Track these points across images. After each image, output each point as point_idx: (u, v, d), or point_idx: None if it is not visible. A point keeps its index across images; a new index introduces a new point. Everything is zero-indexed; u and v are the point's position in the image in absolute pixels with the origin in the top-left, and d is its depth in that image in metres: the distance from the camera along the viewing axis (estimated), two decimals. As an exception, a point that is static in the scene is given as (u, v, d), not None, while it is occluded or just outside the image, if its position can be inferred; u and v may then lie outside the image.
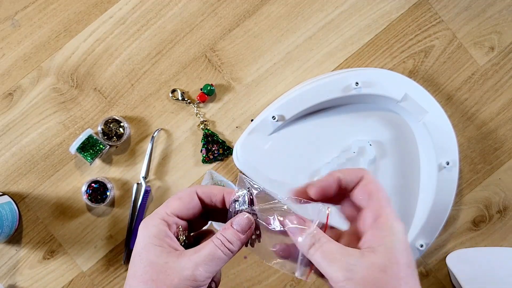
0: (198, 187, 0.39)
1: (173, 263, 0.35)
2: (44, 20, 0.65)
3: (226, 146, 0.65)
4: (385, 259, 0.33)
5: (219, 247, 0.36)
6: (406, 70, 0.67)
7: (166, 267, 0.35)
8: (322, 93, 0.62)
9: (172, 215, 0.38)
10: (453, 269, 0.64)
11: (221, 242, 0.36)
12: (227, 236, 0.37)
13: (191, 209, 0.39)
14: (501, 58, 0.67)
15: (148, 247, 0.36)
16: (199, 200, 0.39)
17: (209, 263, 0.35)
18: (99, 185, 0.63)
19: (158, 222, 0.37)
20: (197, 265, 0.35)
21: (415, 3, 0.67)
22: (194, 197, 0.39)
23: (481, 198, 0.67)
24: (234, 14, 0.66)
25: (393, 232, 0.35)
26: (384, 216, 0.35)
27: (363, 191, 0.37)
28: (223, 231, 0.37)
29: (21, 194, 0.65)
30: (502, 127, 0.67)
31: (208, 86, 0.65)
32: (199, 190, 0.39)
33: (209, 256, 0.36)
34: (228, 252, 0.36)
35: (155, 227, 0.37)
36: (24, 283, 0.64)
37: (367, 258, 0.34)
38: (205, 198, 0.39)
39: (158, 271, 0.35)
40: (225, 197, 0.39)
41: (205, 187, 0.39)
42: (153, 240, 0.36)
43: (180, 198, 0.39)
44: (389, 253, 0.34)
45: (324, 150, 0.65)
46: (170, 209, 0.38)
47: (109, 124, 0.64)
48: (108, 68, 0.65)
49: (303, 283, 0.66)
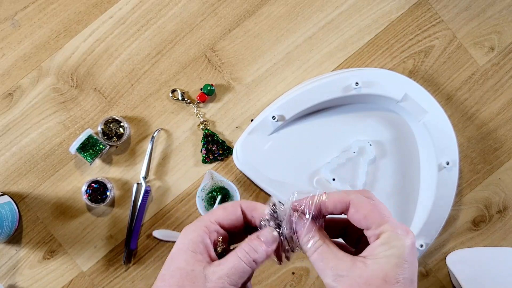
0: (243, 201, 0.40)
1: (200, 272, 0.35)
2: (44, 20, 0.65)
3: (226, 146, 0.65)
4: (373, 273, 0.34)
5: (242, 259, 0.36)
6: (406, 70, 0.67)
7: (192, 275, 0.35)
8: (322, 93, 0.62)
9: (215, 223, 0.38)
10: (453, 269, 0.64)
11: (246, 253, 0.37)
12: (252, 245, 0.37)
13: (234, 220, 0.39)
14: (501, 58, 0.67)
15: (182, 251, 0.37)
16: (242, 213, 0.39)
17: (232, 276, 0.36)
18: (99, 185, 0.63)
19: (198, 228, 0.37)
20: (221, 277, 0.35)
21: (415, 3, 0.67)
22: (238, 209, 0.39)
23: (481, 198, 0.67)
24: (234, 14, 0.66)
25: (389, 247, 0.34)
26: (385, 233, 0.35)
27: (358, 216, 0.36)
28: (249, 241, 0.37)
29: (21, 194, 0.65)
30: (502, 127, 0.67)
31: (208, 86, 0.65)
32: (243, 204, 0.39)
33: (233, 268, 0.36)
34: (252, 263, 0.36)
35: (194, 232, 0.37)
36: (24, 283, 0.64)
37: (356, 269, 0.34)
38: (247, 212, 0.39)
39: (184, 278, 0.35)
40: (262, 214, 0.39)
41: (250, 202, 0.39)
42: (189, 244, 0.37)
43: (225, 208, 0.39)
44: (378, 267, 0.34)
45: (324, 150, 0.65)
46: (213, 217, 0.38)
47: (109, 124, 0.64)
48: (108, 68, 0.65)
49: (303, 283, 0.66)
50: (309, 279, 0.66)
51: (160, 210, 0.66)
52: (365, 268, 0.34)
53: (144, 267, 0.65)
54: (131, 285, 0.65)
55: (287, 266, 0.66)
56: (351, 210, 0.37)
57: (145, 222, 0.66)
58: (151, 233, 0.65)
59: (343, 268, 0.35)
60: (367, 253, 0.35)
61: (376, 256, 0.34)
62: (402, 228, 0.36)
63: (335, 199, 0.37)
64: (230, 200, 0.64)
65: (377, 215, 0.36)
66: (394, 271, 0.34)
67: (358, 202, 0.36)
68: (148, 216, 0.66)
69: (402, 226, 0.36)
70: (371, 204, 0.36)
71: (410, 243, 0.35)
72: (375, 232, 0.35)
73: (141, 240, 0.65)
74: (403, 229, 0.36)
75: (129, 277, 0.65)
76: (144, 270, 0.65)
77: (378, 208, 0.36)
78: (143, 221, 0.65)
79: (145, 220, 0.66)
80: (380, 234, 0.35)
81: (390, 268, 0.34)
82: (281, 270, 0.66)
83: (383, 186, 0.65)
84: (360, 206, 0.36)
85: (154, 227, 0.66)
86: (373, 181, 0.65)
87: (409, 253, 0.35)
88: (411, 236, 0.36)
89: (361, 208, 0.36)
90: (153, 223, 0.66)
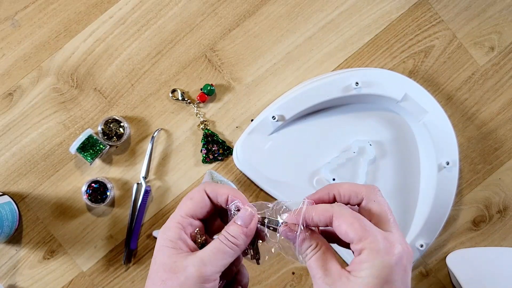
0: (206, 185, 0.39)
1: (181, 262, 0.36)
2: (44, 20, 0.65)
3: (226, 146, 0.65)
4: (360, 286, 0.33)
5: (223, 242, 0.37)
6: (406, 70, 0.67)
7: (174, 266, 0.36)
8: (322, 93, 0.62)
9: (186, 217, 0.38)
10: (453, 269, 0.64)
11: (225, 237, 0.37)
12: (230, 231, 0.37)
13: (204, 208, 0.39)
14: (501, 58, 0.67)
15: (162, 250, 0.37)
16: (209, 199, 0.39)
17: (214, 258, 0.36)
18: (99, 185, 0.63)
19: (172, 225, 0.38)
20: (203, 261, 0.36)
21: (415, 3, 0.67)
22: (204, 195, 0.39)
23: (481, 198, 0.67)
24: (234, 14, 0.66)
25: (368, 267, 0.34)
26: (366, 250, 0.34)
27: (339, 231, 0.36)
28: (227, 227, 0.38)
29: (21, 194, 0.65)
30: (502, 127, 0.67)
31: (208, 86, 0.65)
32: (207, 188, 0.39)
33: (214, 250, 0.36)
34: (234, 246, 0.37)
35: (170, 230, 0.37)
36: (24, 283, 0.64)
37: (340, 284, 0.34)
38: (212, 196, 0.39)
39: (168, 271, 0.36)
40: (229, 198, 0.39)
41: (213, 185, 0.39)
42: (167, 243, 0.37)
43: (192, 198, 0.39)
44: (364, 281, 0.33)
45: (324, 150, 0.65)
46: (183, 211, 0.38)
47: (109, 124, 0.64)
48: (108, 68, 0.65)
49: (303, 283, 0.66)
50: (309, 279, 0.66)
51: (160, 210, 0.66)
52: (348, 283, 0.34)
53: (144, 267, 0.65)
54: (131, 285, 0.65)
55: (287, 266, 0.66)
56: (334, 223, 0.36)
57: (145, 222, 0.66)
58: (151, 233, 0.65)
59: (328, 281, 0.35)
60: (351, 268, 0.35)
61: (358, 274, 0.34)
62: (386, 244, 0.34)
63: (319, 212, 0.37)
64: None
65: (357, 229, 0.34)
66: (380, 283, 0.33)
67: (340, 215, 0.35)
68: (148, 216, 0.66)
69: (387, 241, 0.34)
70: (352, 217, 0.35)
71: (395, 260, 0.34)
72: (356, 247, 0.35)
73: (141, 240, 0.65)
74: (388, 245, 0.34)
75: (129, 277, 0.65)
76: (144, 270, 0.65)
77: (360, 221, 0.35)
78: (143, 221, 0.65)
79: (145, 220, 0.66)
80: (361, 250, 0.34)
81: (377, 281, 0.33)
82: (281, 270, 0.66)
83: (383, 186, 0.65)
84: (341, 219, 0.35)
85: (154, 227, 0.66)
86: (373, 181, 0.65)
87: (389, 273, 0.33)
88: (397, 251, 0.34)
89: (342, 222, 0.35)
90: (153, 223, 0.66)
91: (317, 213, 0.37)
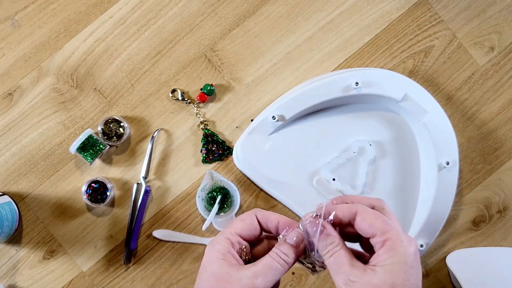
0: (258, 211, 0.42)
1: (234, 273, 0.38)
2: (44, 20, 0.65)
3: (226, 146, 0.65)
4: (381, 279, 0.35)
5: (275, 259, 0.39)
6: (406, 70, 0.67)
7: (227, 276, 0.38)
8: (322, 93, 0.62)
9: (235, 235, 0.40)
10: (453, 269, 0.64)
11: (277, 254, 0.39)
12: (282, 249, 0.39)
13: (252, 230, 0.41)
14: (501, 58, 0.67)
15: (212, 261, 0.39)
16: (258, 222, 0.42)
17: (266, 273, 0.38)
18: (99, 185, 0.63)
19: (222, 240, 0.40)
20: (256, 274, 0.38)
21: (415, 3, 0.67)
22: (254, 220, 0.41)
23: (481, 198, 0.67)
24: (234, 14, 0.66)
25: (395, 254, 0.36)
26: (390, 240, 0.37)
27: (363, 225, 0.38)
28: (278, 245, 0.40)
29: (21, 194, 0.65)
30: (502, 127, 0.67)
31: (208, 86, 0.65)
32: (258, 213, 0.42)
33: (267, 266, 0.38)
34: (284, 263, 0.39)
35: (220, 244, 0.40)
36: (24, 283, 0.64)
37: (367, 276, 0.36)
38: (262, 222, 0.41)
39: (220, 280, 0.38)
40: (279, 224, 0.41)
41: (264, 212, 0.42)
42: (217, 254, 0.39)
43: (243, 220, 0.41)
44: (386, 274, 0.36)
45: (324, 150, 0.65)
46: (233, 229, 0.41)
47: (109, 124, 0.64)
48: (108, 68, 0.65)
49: (303, 283, 0.66)
50: (309, 279, 0.66)
51: (160, 210, 0.66)
52: (374, 275, 0.36)
53: (144, 267, 0.65)
54: (131, 285, 0.65)
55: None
56: (358, 219, 0.38)
57: (145, 222, 0.66)
58: (151, 233, 0.65)
59: (355, 274, 0.36)
60: (375, 262, 0.37)
61: (383, 263, 0.36)
62: (405, 237, 0.37)
63: (344, 209, 0.39)
64: (230, 200, 0.64)
65: (381, 224, 0.37)
66: (401, 277, 0.35)
67: (364, 211, 0.38)
68: (148, 216, 0.66)
69: (405, 235, 0.38)
70: (375, 213, 0.38)
71: (414, 250, 0.37)
72: (380, 239, 0.37)
73: (141, 240, 0.65)
74: (406, 237, 0.38)
75: (129, 277, 0.65)
76: (144, 270, 0.65)
77: (382, 217, 0.38)
78: (143, 221, 0.65)
79: (145, 220, 0.66)
80: (385, 241, 0.37)
81: (397, 274, 0.36)
82: (281, 270, 0.66)
83: (383, 186, 0.65)
84: (366, 215, 0.38)
85: (154, 227, 0.66)
86: (373, 181, 0.65)
87: (413, 260, 0.36)
88: (414, 243, 0.38)
89: (367, 217, 0.38)
90: (153, 223, 0.66)
91: (342, 209, 0.39)
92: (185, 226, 0.66)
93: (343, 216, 0.39)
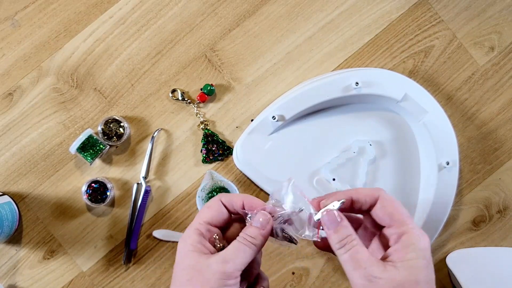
0: (222, 195, 0.42)
1: (204, 262, 0.38)
2: (44, 20, 0.65)
3: (226, 146, 0.65)
4: (405, 276, 0.35)
5: (243, 242, 0.39)
6: (406, 70, 0.67)
7: (198, 266, 0.38)
8: (322, 93, 0.62)
9: (204, 223, 0.41)
10: (453, 269, 0.64)
11: (244, 238, 0.40)
12: (248, 232, 0.40)
13: (220, 215, 0.42)
14: (501, 58, 0.67)
15: (184, 255, 0.40)
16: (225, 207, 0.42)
17: (235, 257, 0.38)
18: (99, 185, 0.63)
19: (192, 232, 0.40)
20: (225, 259, 0.38)
21: (415, 3, 0.67)
22: (220, 204, 0.42)
23: (481, 198, 0.67)
24: (234, 14, 0.66)
25: (415, 249, 0.36)
26: (408, 234, 0.37)
27: (383, 212, 0.38)
28: (245, 229, 0.40)
29: (21, 194, 0.65)
30: (502, 127, 0.67)
31: (208, 86, 0.65)
32: (223, 198, 0.42)
33: (235, 250, 0.39)
34: (252, 245, 0.39)
35: (189, 237, 0.40)
36: (24, 283, 0.64)
37: (389, 272, 0.35)
38: (228, 205, 0.42)
39: (192, 271, 0.38)
40: (244, 203, 0.42)
41: (227, 195, 0.42)
42: (189, 247, 0.40)
43: (209, 207, 0.42)
44: (409, 270, 0.35)
45: (324, 150, 0.65)
46: (201, 218, 0.41)
47: (109, 124, 0.64)
48: (108, 68, 0.65)
49: (303, 283, 0.66)
50: (309, 279, 0.66)
51: (160, 210, 0.66)
52: (397, 271, 0.35)
53: (144, 267, 0.65)
54: (131, 285, 0.65)
55: (287, 266, 0.66)
56: (378, 206, 0.38)
57: (145, 222, 0.66)
58: (151, 233, 0.65)
59: (376, 270, 0.36)
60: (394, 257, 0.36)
61: (404, 259, 0.36)
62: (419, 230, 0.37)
63: (366, 193, 0.38)
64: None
65: (400, 215, 0.37)
66: (423, 273, 0.35)
67: (386, 199, 0.38)
68: (148, 216, 0.66)
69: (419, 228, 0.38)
70: (397, 202, 0.38)
71: (429, 244, 0.37)
72: (397, 231, 0.37)
73: (141, 240, 0.65)
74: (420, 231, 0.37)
75: (129, 277, 0.65)
76: (144, 270, 0.65)
77: (402, 208, 0.38)
78: (143, 221, 0.65)
79: (145, 220, 0.66)
80: (402, 234, 0.36)
81: (419, 270, 0.35)
82: (281, 270, 0.66)
83: (383, 186, 0.65)
84: (388, 202, 0.38)
85: (154, 227, 0.66)
86: (373, 181, 0.65)
87: (429, 253, 0.37)
88: (427, 238, 0.37)
89: (388, 205, 0.37)
90: (153, 223, 0.66)
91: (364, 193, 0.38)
92: (185, 226, 0.66)
93: (364, 201, 0.38)
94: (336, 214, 0.38)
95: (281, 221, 0.40)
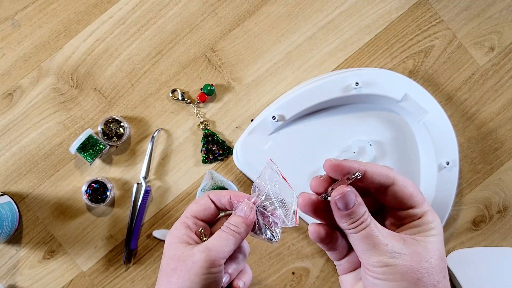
0: (210, 192, 0.44)
1: (188, 251, 0.40)
2: (44, 20, 0.65)
3: (226, 146, 0.65)
4: (429, 250, 0.35)
5: (226, 231, 0.40)
6: (406, 70, 0.67)
7: (183, 256, 0.39)
8: (322, 93, 0.62)
9: (191, 217, 0.42)
10: (453, 269, 0.64)
11: (227, 227, 0.41)
12: (231, 221, 0.41)
13: (207, 210, 0.43)
14: (501, 58, 0.67)
15: (170, 246, 0.41)
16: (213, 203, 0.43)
17: (219, 245, 0.40)
18: (99, 185, 0.63)
19: (178, 225, 0.42)
20: (208, 247, 0.39)
21: (415, 3, 0.67)
22: (208, 200, 0.43)
23: (481, 198, 0.67)
24: (234, 14, 0.66)
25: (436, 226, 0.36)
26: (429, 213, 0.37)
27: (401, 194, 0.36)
28: (229, 218, 0.42)
29: (21, 194, 0.65)
30: (502, 127, 0.67)
31: (208, 86, 0.65)
32: (210, 194, 0.43)
33: (218, 238, 0.40)
34: (236, 234, 0.40)
35: (176, 229, 0.42)
36: (24, 283, 0.64)
37: (411, 247, 0.34)
38: (215, 200, 0.43)
39: (177, 260, 0.39)
40: (231, 199, 0.43)
41: (216, 192, 0.44)
42: (174, 239, 0.41)
43: (196, 202, 0.43)
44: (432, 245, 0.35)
45: (324, 150, 0.65)
46: (188, 213, 0.43)
47: (109, 124, 0.64)
48: (108, 68, 0.65)
49: (303, 283, 0.66)
50: (309, 279, 0.66)
51: (160, 210, 0.66)
52: (419, 246, 0.35)
53: (144, 267, 0.65)
54: (131, 285, 0.65)
55: (287, 266, 0.66)
56: (394, 187, 0.36)
57: (145, 222, 0.66)
58: (151, 233, 0.65)
59: (398, 246, 0.34)
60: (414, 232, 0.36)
61: (427, 235, 0.35)
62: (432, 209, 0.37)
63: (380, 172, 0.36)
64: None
65: (420, 194, 0.37)
66: (442, 248, 0.36)
67: (404, 180, 0.36)
68: (148, 216, 0.66)
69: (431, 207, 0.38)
70: (414, 183, 0.37)
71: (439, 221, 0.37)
72: (418, 211, 0.36)
73: (141, 240, 0.65)
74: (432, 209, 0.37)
75: (129, 277, 0.65)
76: (144, 270, 0.65)
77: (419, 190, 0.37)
78: (143, 221, 0.65)
79: (145, 220, 0.66)
80: (423, 213, 0.36)
81: (440, 246, 0.36)
82: (281, 270, 0.66)
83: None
84: (406, 182, 0.36)
85: (154, 227, 0.66)
86: (373, 181, 0.65)
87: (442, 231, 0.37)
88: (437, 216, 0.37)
89: (408, 186, 0.36)
90: (153, 223, 0.66)
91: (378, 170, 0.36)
92: (185, 226, 0.66)
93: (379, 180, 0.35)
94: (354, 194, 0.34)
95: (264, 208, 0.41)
